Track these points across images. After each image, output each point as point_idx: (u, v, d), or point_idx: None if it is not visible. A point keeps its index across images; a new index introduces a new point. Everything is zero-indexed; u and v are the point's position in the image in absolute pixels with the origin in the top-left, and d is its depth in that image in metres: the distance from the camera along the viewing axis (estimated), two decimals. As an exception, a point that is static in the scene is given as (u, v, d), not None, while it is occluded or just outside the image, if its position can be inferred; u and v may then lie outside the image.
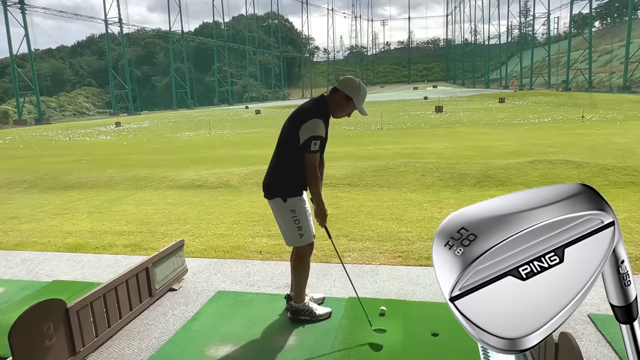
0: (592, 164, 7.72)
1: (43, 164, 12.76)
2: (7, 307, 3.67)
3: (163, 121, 37.65)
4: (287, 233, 3.13)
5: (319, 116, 2.96)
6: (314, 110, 3.02)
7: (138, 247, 5.12)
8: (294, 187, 3.04)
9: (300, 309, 3.19)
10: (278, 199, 3.04)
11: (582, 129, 14.82)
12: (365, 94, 3.11)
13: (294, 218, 3.03)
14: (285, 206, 3.03)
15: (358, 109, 3.09)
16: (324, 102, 3.08)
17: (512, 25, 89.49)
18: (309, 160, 2.94)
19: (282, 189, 3.04)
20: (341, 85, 3.08)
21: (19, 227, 6.24)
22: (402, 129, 18.38)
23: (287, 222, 3.06)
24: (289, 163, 3.03)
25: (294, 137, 2.94)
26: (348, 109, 3.09)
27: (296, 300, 3.20)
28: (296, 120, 3.00)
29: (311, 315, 3.19)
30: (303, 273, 3.17)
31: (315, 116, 2.94)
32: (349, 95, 3.03)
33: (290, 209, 3.02)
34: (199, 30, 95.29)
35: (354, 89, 3.05)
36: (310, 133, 2.90)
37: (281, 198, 3.02)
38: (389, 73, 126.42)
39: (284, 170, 3.06)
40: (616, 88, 45.47)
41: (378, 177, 8.00)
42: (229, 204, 6.99)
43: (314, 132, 2.90)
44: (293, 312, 3.21)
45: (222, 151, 13.98)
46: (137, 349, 2.98)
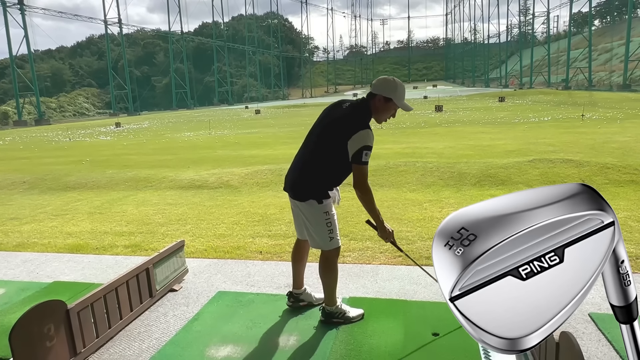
0: (592, 163, 7.72)
1: (43, 164, 12.76)
2: (7, 309, 3.67)
3: (163, 121, 37.65)
4: (315, 236, 3.04)
5: (368, 126, 2.88)
6: (362, 119, 2.91)
7: (138, 247, 5.12)
8: (327, 189, 3.00)
9: (333, 311, 3.14)
10: (312, 201, 2.96)
11: (582, 128, 14.81)
12: (403, 90, 2.99)
13: (327, 220, 2.97)
14: (320, 208, 2.96)
15: (400, 106, 2.99)
16: (368, 108, 2.97)
17: (511, 24, 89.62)
18: (360, 171, 2.85)
19: (316, 191, 2.97)
20: (376, 88, 2.97)
21: (19, 228, 6.25)
22: (402, 128, 18.38)
23: (319, 224, 2.99)
24: (324, 165, 2.96)
25: (336, 141, 2.86)
26: (391, 110, 2.99)
27: (328, 304, 3.15)
28: (342, 125, 2.90)
29: (344, 318, 3.14)
30: (332, 277, 3.10)
31: (366, 127, 2.86)
32: (387, 96, 2.93)
33: (324, 210, 2.97)
34: (199, 30, 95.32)
35: (391, 88, 2.95)
36: (362, 143, 2.80)
37: (316, 200, 2.95)
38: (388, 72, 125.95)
39: (318, 172, 2.99)
40: (616, 87, 45.48)
41: (378, 176, 8.00)
42: (229, 204, 6.99)
43: (367, 142, 2.81)
44: (326, 315, 3.16)
45: (222, 151, 13.98)
46: (138, 350, 2.99)
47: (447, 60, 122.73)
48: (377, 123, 3.06)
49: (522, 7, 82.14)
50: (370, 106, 2.98)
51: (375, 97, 2.97)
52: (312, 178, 3.01)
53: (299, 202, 3.04)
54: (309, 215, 3.02)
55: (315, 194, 2.97)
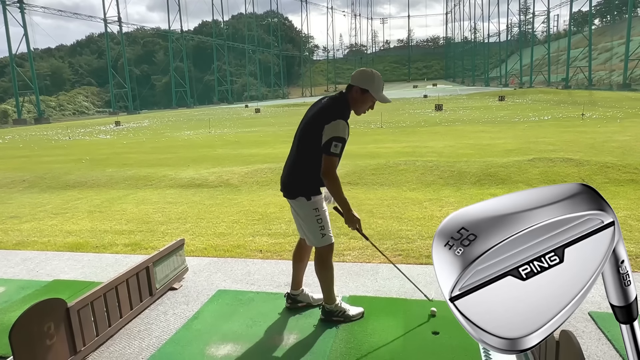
0: (592, 162, 7.72)
1: (43, 163, 12.76)
2: (7, 307, 3.67)
3: (163, 120, 37.63)
4: (308, 233, 3.06)
5: (344, 117, 2.87)
6: (337, 109, 2.92)
7: (138, 246, 5.12)
8: (316, 185, 2.99)
9: (332, 310, 3.14)
10: (301, 198, 2.97)
11: (582, 127, 14.81)
12: (380, 81, 2.98)
13: (317, 217, 2.98)
14: (309, 205, 2.97)
15: (377, 98, 2.97)
16: (345, 100, 2.98)
17: (511, 23, 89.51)
18: (327, 162, 2.83)
19: (304, 188, 2.98)
20: (354, 79, 2.98)
21: (19, 226, 6.24)
22: (402, 127, 18.37)
23: (310, 221, 3.00)
24: (310, 162, 2.95)
25: (316, 135, 2.86)
26: (368, 102, 2.98)
27: (327, 302, 3.15)
28: (318, 118, 2.91)
29: (344, 317, 3.14)
30: (328, 274, 3.10)
31: (340, 117, 2.85)
32: (363, 87, 2.93)
33: (314, 207, 2.97)
34: (199, 29, 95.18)
35: (368, 80, 2.94)
36: (332, 134, 2.81)
37: (304, 197, 2.96)
38: (388, 71, 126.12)
39: (305, 169, 2.99)
40: (616, 86, 45.46)
41: (378, 175, 8.00)
42: (229, 202, 6.98)
43: (337, 133, 2.81)
44: (326, 313, 3.15)
45: (222, 150, 13.98)
46: (138, 348, 2.99)
47: (447, 59, 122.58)
48: (356, 115, 3.05)
49: (522, 6, 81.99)
50: (348, 98, 2.98)
51: (352, 88, 2.97)
52: (300, 175, 3.03)
53: (290, 200, 3.07)
54: (300, 212, 3.05)
55: (303, 191, 2.98)
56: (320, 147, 2.85)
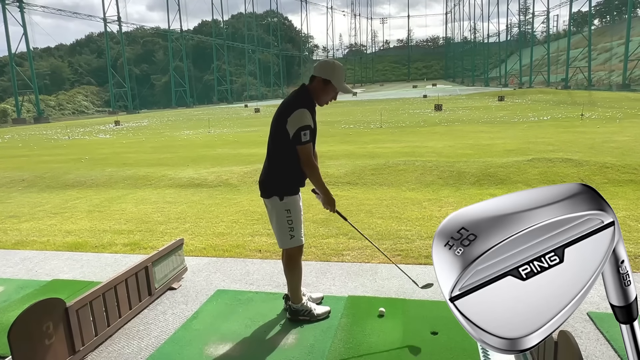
0: (592, 162, 7.73)
1: (42, 162, 12.75)
2: (6, 306, 3.67)
3: (162, 120, 37.61)
4: (278, 233, 3.10)
5: (303, 106, 2.91)
6: (297, 101, 2.97)
7: (137, 246, 5.12)
8: (290, 185, 3.02)
9: (298, 309, 3.18)
10: (275, 198, 3.01)
11: (582, 127, 14.82)
12: (341, 72, 3.01)
13: (288, 218, 3.01)
14: (282, 205, 3.01)
15: (340, 89, 3.01)
16: (306, 91, 3.01)
17: (511, 23, 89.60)
18: (303, 151, 2.91)
19: (278, 187, 3.02)
20: (316, 70, 3.02)
21: (18, 226, 6.24)
22: (401, 127, 18.38)
23: (280, 221, 3.04)
24: (282, 160, 3.00)
25: (283, 132, 2.90)
26: (330, 92, 3.02)
27: (294, 301, 3.19)
28: (282, 115, 2.95)
29: (310, 315, 3.19)
30: (295, 274, 3.16)
31: (300, 106, 2.90)
32: (325, 78, 2.96)
33: (286, 208, 3.00)
34: (198, 28, 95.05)
35: (329, 71, 2.98)
36: (298, 124, 2.86)
37: (278, 196, 3.00)
38: (388, 71, 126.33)
39: (278, 168, 3.03)
40: (615, 86, 45.49)
41: (377, 175, 8.01)
42: (229, 202, 6.98)
43: (302, 122, 2.86)
44: (292, 312, 3.20)
45: (222, 150, 13.98)
46: (137, 348, 2.99)
47: (447, 59, 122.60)
48: (319, 105, 3.07)
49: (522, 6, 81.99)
50: (310, 89, 3.01)
51: (315, 79, 3.00)
52: (274, 175, 3.06)
53: (265, 200, 3.10)
54: (272, 211, 3.08)
55: (277, 191, 3.01)
56: (289, 142, 2.89)
